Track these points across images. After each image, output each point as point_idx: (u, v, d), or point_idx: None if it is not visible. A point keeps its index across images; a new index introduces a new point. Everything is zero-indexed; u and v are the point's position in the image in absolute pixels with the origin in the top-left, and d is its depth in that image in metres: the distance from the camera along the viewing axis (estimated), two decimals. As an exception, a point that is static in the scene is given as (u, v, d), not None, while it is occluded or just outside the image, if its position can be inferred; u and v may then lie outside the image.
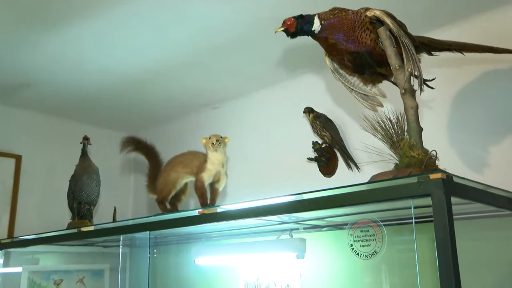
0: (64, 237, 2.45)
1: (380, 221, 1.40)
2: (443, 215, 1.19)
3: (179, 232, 2.53)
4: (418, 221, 1.76)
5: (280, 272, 2.36)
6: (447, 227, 1.19)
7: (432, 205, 1.21)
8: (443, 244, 1.18)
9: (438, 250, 1.18)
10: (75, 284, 2.96)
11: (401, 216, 1.79)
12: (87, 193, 2.63)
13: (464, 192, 1.30)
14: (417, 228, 1.58)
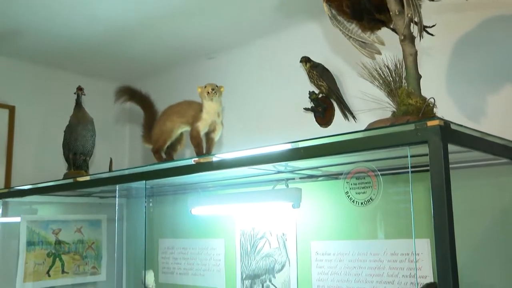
0: (60, 187, 2.45)
1: (376, 169, 1.39)
2: (440, 162, 1.18)
3: (175, 182, 2.54)
4: (414, 170, 1.76)
5: (276, 222, 2.39)
6: (443, 174, 1.18)
7: (429, 152, 1.20)
8: (439, 191, 1.18)
9: (434, 197, 1.18)
10: (73, 233, 3.00)
11: (397, 165, 1.79)
12: (82, 143, 2.62)
13: (461, 139, 1.29)
14: (413, 178, 1.59)
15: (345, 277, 2.11)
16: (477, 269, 1.73)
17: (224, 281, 2.61)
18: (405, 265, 1.94)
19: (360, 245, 2.08)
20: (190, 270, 2.80)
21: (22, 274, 2.74)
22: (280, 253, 2.36)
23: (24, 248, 2.78)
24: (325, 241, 2.20)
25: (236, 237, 2.56)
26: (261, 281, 2.42)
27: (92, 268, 3.04)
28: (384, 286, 1.99)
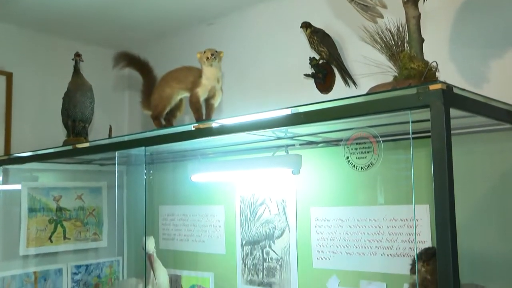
0: (60, 154, 2.45)
1: (377, 134, 1.38)
2: (441, 127, 1.17)
3: (175, 149, 2.53)
4: (415, 137, 1.75)
5: (276, 188, 2.39)
6: (444, 139, 1.17)
7: (431, 116, 1.19)
8: (440, 155, 1.17)
9: (434, 162, 1.18)
10: (74, 200, 3.02)
11: (398, 131, 1.79)
12: (81, 110, 2.60)
13: (463, 103, 1.28)
14: (414, 145, 1.58)
15: (344, 242, 2.13)
16: (476, 234, 1.74)
17: (224, 247, 2.63)
18: (404, 230, 1.96)
19: (360, 211, 2.09)
20: (190, 237, 2.83)
21: (25, 239, 2.78)
22: (279, 219, 2.37)
23: (26, 214, 2.80)
24: (325, 207, 2.21)
25: (236, 204, 2.57)
26: (261, 247, 2.44)
27: (94, 234, 3.07)
28: (382, 251, 2.01)
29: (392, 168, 1.96)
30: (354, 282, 2.10)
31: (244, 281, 2.51)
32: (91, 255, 3.07)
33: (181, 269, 2.86)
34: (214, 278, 2.69)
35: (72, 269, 2.95)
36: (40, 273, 2.83)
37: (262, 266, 2.43)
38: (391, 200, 2.01)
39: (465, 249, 1.20)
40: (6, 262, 2.72)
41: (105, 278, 3.08)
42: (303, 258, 2.28)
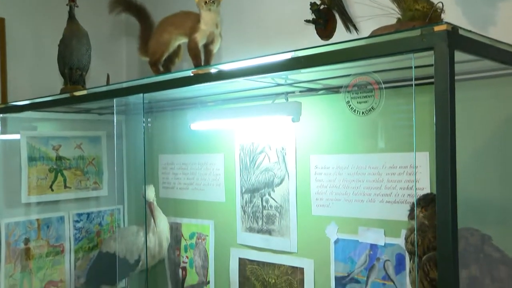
0: (57, 102, 2.43)
1: (379, 78, 1.36)
2: (445, 69, 1.14)
3: (174, 97, 2.51)
4: (417, 83, 1.73)
5: (275, 136, 2.39)
6: (448, 81, 1.15)
7: (434, 59, 1.16)
8: (442, 99, 1.15)
9: (437, 105, 1.16)
10: (73, 149, 3.02)
11: (401, 77, 1.76)
12: (78, 57, 2.55)
13: (469, 46, 1.25)
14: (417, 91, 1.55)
15: (344, 190, 2.14)
16: (474, 179, 1.74)
17: (224, 195, 2.65)
18: (403, 177, 1.96)
19: (359, 158, 2.09)
20: (190, 185, 2.85)
21: (26, 187, 2.80)
22: (279, 167, 2.37)
23: (26, 163, 2.81)
24: (324, 155, 2.21)
25: (236, 152, 2.57)
26: (260, 194, 2.46)
27: (94, 183, 3.09)
28: (381, 198, 2.03)
29: (392, 115, 1.94)
30: (352, 228, 2.12)
31: (244, 229, 2.54)
32: (92, 203, 3.10)
33: (181, 217, 2.90)
34: (214, 226, 2.72)
35: (73, 217, 2.99)
36: (42, 221, 2.87)
37: (261, 213, 2.46)
38: (391, 147, 2.00)
39: (462, 194, 1.19)
40: (9, 210, 2.76)
41: (106, 226, 3.13)
42: (302, 206, 2.30)
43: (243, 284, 2.56)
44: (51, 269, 2.88)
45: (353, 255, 2.12)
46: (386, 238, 2.02)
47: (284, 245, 2.36)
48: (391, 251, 2.00)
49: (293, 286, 2.34)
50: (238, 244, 2.58)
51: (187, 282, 2.86)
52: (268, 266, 2.45)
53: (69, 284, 2.93)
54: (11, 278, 2.72)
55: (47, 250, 2.87)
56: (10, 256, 2.72)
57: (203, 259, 2.77)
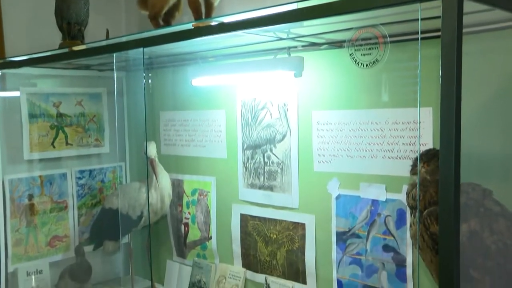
0: (56, 57, 2.39)
1: (383, 29, 1.32)
2: (453, 19, 1.11)
3: (174, 52, 2.47)
4: (424, 36, 1.70)
5: (277, 92, 2.36)
6: (455, 33, 1.12)
7: (442, 8, 1.13)
8: (449, 49, 1.13)
9: (443, 56, 1.13)
10: (74, 106, 3.00)
11: (406, 31, 1.72)
12: (76, 12, 2.50)
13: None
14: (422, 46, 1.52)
15: (346, 146, 2.13)
16: (478, 134, 1.73)
17: (226, 152, 2.65)
18: (406, 133, 1.95)
19: (362, 114, 2.08)
20: (191, 142, 2.84)
21: (28, 144, 2.80)
22: (281, 123, 2.36)
23: (27, 120, 2.80)
24: (327, 111, 2.19)
25: (237, 108, 2.55)
26: (262, 151, 2.46)
27: (95, 140, 3.09)
28: (383, 154, 2.02)
29: (396, 70, 1.92)
30: (354, 184, 2.13)
31: (245, 185, 2.55)
32: (94, 160, 3.11)
33: (183, 174, 2.91)
34: (215, 182, 2.73)
35: (76, 174, 3.00)
36: (45, 177, 2.88)
37: (263, 169, 2.46)
38: (394, 103, 1.98)
39: (465, 149, 1.19)
40: (12, 166, 2.76)
41: (108, 182, 3.14)
42: (304, 162, 2.30)
43: (244, 240, 2.60)
44: (55, 224, 2.92)
45: (354, 210, 2.13)
46: (388, 193, 2.02)
47: (286, 201, 2.38)
48: (392, 207, 2.02)
49: (295, 241, 2.37)
50: (240, 200, 2.60)
51: (189, 238, 2.90)
52: (270, 222, 2.47)
53: (73, 239, 2.98)
54: (17, 233, 2.76)
55: (51, 206, 2.90)
56: (15, 212, 2.75)
57: (205, 215, 2.80)
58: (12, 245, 2.74)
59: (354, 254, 2.15)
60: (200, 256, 2.84)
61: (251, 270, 2.58)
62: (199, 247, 2.85)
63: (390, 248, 2.03)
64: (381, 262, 2.06)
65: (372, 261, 2.09)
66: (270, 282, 2.47)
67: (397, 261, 2.01)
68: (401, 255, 1.99)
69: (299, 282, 2.36)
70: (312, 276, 2.30)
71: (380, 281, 2.06)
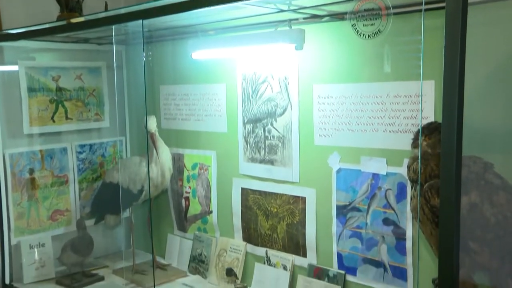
0: (54, 30, 2.36)
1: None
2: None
3: (174, 25, 2.44)
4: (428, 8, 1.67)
5: (278, 65, 2.34)
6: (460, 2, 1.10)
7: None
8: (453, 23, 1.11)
9: (447, 27, 1.12)
10: (73, 80, 2.98)
11: (410, 2, 1.70)
12: (74, -17, 2.47)
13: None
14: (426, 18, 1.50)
15: (347, 119, 2.12)
16: (480, 107, 1.72)
17: (226, 126, 2.64)
18: (407, 107, 1.94)
19: (363, 87, 2.06)
20: (192, 116, 2.83)
21: (27, 118, 2.79)
22: (282, 96, 2.35)
23: (26, 94, 2.78)
24: (328, 84, 2.18)
25: (238, 82, 2.53)
26: (263, 125, 2.45)
27: (95, 114, 3.08)
28: (384, 127, 2.01)
29: (398, 43, 1.89)
30: (355, 158, 2.12)
31: (246, 159, 2.55)
32: (94, 135, 3.10)
33: (183, 148, 2.91)
34: (216, 156, 2.73)
35: (76, 149, 3.00)
36: (46, 152, 2.88)
37: (263, 143, 2.46)
38: (396, 76, 1.96)
39: (467, 122, 1.18)
40: (12, 140, 2.76)
41: (109, 157, 3.14)
42: (305, 136, 2.29)
43: (245, 214, 2.61)
44: (56, 198, 2.93)
45: (355, 184, 2.13)
46: (388, 167, 2.02)
47: (286, 174, 2.38)
48: (393, 180, 2.02)
49: (295, 215, 2.38)
50: (240, 174, 2.60)
51: (190, 212, 2.91)
52: (270, 195, 2.48)
53: (75, 213, 2.99)
54: (19, 206, 2.77)
55: (52, 181, 2.91)
56: (16, 185, 2.76)
57: (205, 189, 2.81)
58: (14, 218, 2.75)
59: (354, 227, 2.16)
60: (201, 230, 2.86)
61: (251, 244, 2.60)
62: (199, 221, 2.86)
63: (390, 221, 2.04)
64: (381, 235, 2.07)
65: (372, 234, 2.10)
66: (271, 255, 2.49)
67: (397, 234, 2.02)
68: (401, 228, 2.00)
69: (299, 255, 2.38)
70: (312, 249, 2.32)
71: (380, 254, 2.08)
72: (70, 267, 2.76)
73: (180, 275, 2.81)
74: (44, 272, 2.79)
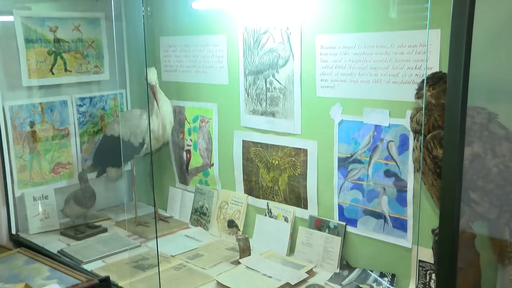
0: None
1: None
2: None
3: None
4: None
5: (280, 16, 2.28)
6: None
7: None
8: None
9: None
10: (72, 31, 2.92)
11: None
12: None
13: None
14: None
15: (349, 70, 2.09)
16: (488, 57, 1.69)
17: (227, 78, 2.61)
18: (412, 57, 1.90)
19: (367, 37, 2.02)
20: (192, 68, 2.79)
21: (26, 70, 2.75)
22: (283, 47, 2.30)
23: (23, 45, 2.73)
24: (331, 35, 2.13)
25: (239, 33, 2.48)
26: (264, 76, 2.41)
27: (95, 67, 3.04)
28: (388, 78, 1.98)
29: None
30: (357, 109, 2.10)
31: (247, 111, 2.53)
32: (94, 87, 3.07)
33: (184, 100, 2.89)
34: (217, 109, 2.71)
35: (76, 101, 2.98)
36: (46, 104, 2.86)
37: (265, 95, 2.43)
38: (401, 25, 1.92)
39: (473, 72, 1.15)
40: (11, 92, 2.73)
41: (109, 110, 3.13)
42: (307, 87, 2.26)
43: (246, 166, 2.61)
44: (58, 152, 2.93)
45: (357, 136, 2.12)
46: (391, 119, 2.01)
47: (288, 127, 2.36)
48: (395, 132, 2.00)
49: (297, 167, 2.38)
50: (242, 127, 2.59)
51: (191, 164, 2.92)
52: (272, 148, 2.47)
53: (77, 166, 3.00)
54: (21, 159, 2.78)
55: (53, 134, 2.90)
56: (17, 138, 2.76)
57: (207, 142, 2.80)
58: (17, 171, 2.76)
59: (356, 179, 2.16)
60: (202, 182, 2.87)
61: (253, 196, 2.61)
62: (201, 173, 2.87)
63: (392, 173, 2.04)
64: (382, 187, 2.08)
65: (373, 186, 2.11)
66: (272, 207, 2.51)
67: (398, 186, 2.03)
68: (402, 180, 2.01)
69: (300, 207, 2.40)
70: (313, 201, 2.33)
71: (381, 206, 2.09)
72: (73, 219, 2.80)
73: (182, 227, 2.85)
74: (49, 224, 2.82)
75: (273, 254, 2.39)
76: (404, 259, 2.05)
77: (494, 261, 1.57)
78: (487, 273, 1.61)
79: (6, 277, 2.17)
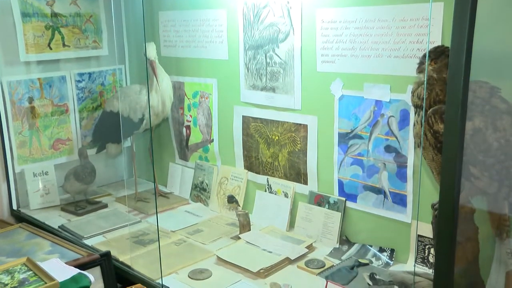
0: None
1: None
2: None
3: None
4: None
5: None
6: None
7: None
8: None
9: None
10: (69, 5, 2.89)
11: None
12: None
13: None
14: None
15: (350, 45, 2.07)
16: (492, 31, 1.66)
17: (227, 53, 2.59)
18: (414, 31, 1.88)
19: (368, 11, 1.99)
20: (192, 43, 2.76)
21: (23, 45, 2.72)
22: (284, 22, 2.27)
23: (20, 19, 2.70)
24: (332, 8, 2.10)
25: (239, 7, 2.45)
26: (264, 51, 2.39)
27: (93, 42, 3.01)
28: (389, 53, 1.96)
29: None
30: (358, 85, 2.09)
31: (247, 86, 2.52)
32: (93, 63, 3.05)
33: (184, 76, 2.86)
34: (217, 84, 2.69)
35: (75, 77, 2.96)
36: (44, 80, 2.84)
37: (265, 70, 2.41)
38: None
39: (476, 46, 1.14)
40: (9, 68, 2.71)
41: (109, 86, 3.11)
42: (307, 62, 2.24)
43: (246, 142, 2.61)
44: (57, 128, 2.92)
45: (357, 111, 2.11)
46: (392, 94, 1.99)
47: (288, 102, 2.35)
48: (396, 107, 1.99)
49: (297, 142, 2.38)
50: (242, 102, 2.58)
51: (191, 140, 2.91)
52: (272, 123, 2.46)
53: (76, 142, 2.99)
54: (20, 135, 2.77)
55: (52, 110, 2.89)
56: (16, 114, 2.74)
57: (206, 118, 2.79)
58: (17, 147, 2.76)
59: (356, 155, 2.16)
60: (202, 158, 2.87)
61: (252, 172, 2.61)
62: (201, 149, 2.87)
63: (392, 148, 2.04)
64: (383, 163, 2.07)
65: (374, 162, 2.10)
66: (272, 183, 2.51)
67: (398, 161, 2.02)
68: (403, 155, 2.00)
69: (300, 183, 2.40)
70: (313, 177, 2.33)
71: (381, 181, 2.09)
72: (74, 194, 2.80)
73: (182, 202, 2.86)
74: (49, 199, 2.83)
75: (273, 230, 2.40)
76: (403, 234, 2.06)
77: (492, 235, 1.58)
78: (485, 247, 1.61)
79: (8, 252, 2.19)
